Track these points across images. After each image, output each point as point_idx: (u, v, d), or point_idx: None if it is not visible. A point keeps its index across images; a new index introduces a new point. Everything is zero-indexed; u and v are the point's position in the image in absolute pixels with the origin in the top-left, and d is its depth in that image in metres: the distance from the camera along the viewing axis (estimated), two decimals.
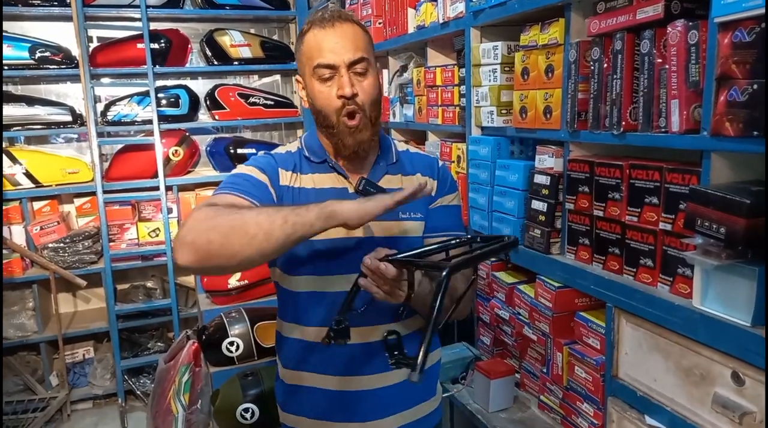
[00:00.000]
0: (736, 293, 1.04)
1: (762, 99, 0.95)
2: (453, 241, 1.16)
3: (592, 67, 1.35)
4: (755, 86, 0.97)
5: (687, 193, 1.13)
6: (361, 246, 1.20)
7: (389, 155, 1.30)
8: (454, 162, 2.06)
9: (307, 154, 1.26)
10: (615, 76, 1.28)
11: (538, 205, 1.58)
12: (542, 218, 1.56)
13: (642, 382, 1.29)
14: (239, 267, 1.03)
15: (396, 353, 1.01)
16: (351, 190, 1.23)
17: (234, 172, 1.22)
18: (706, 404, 1.12)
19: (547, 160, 1.57)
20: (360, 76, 1.17)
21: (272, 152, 1.28)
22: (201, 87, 3.65)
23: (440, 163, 1.36)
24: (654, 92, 1.19)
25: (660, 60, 1.18)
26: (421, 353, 0.86)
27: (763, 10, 0.95)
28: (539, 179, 1.57)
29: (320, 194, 1.22)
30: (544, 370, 1.62)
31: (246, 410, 2.35)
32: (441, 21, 2.00)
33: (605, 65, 1.31)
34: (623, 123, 1.27)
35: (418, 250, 1.09)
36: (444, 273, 0.91)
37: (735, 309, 1.05)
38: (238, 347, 2.60)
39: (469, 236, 1.22)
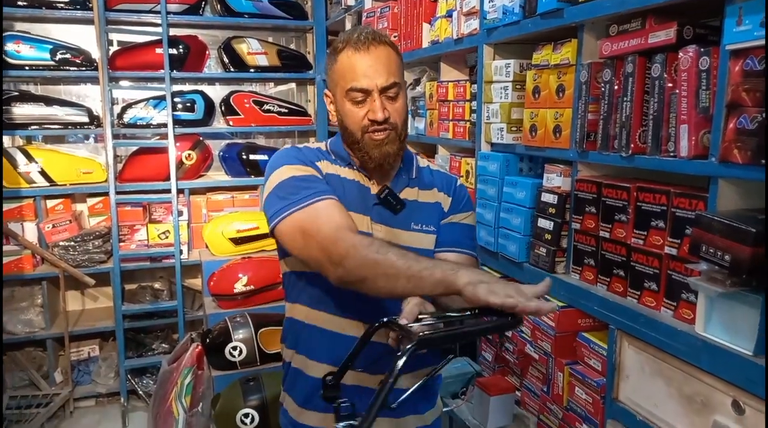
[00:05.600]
0: (739, 321, 1.04)
1: None
2: (470, 311, 1.05)
3: (603, 89, 1.36)
4: (765, 115, 0.97)
5: (693, 218, 1.13)
6: None
7: (411, 169, 1.32)
8: (462, 176, 2.07)
9: (333, 157, 1.28)
10: (625, 99, 1.28)
11: (544, 223, 1.58)
12: (548, 237, 1.56)
13: (643, 407, 1.28)
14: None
15: (345, 423, 0.99)
16: (373, 192, 1.25)
17: (288, 175, 1.19)
18: None
19: (555, 179, 1.57)
20: (392, 100, 1.19)
21: (297, 146, 1.30)
22: (217, 93, 3.69)
23: (458, 182, 1.37)
24: (663, 116, 1.20)
25: (671, 84, 1.18)
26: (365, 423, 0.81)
27: None
28: (546, 198, 1.58)
29: (349, 184, 1.24)
30: (545, 389, 1.61)
31: (246, 415, 2.36)
32: (455, 37, 2.02)
33: (616, 87, 1.32)
34: (632, 145, 1.27)
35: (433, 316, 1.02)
36: (409, 346, 0.84)
37: (738, 338, 1.04)
38: (241, 352, 2.61)
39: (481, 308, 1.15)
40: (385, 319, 0.99)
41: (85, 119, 3.29)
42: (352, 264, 1.05)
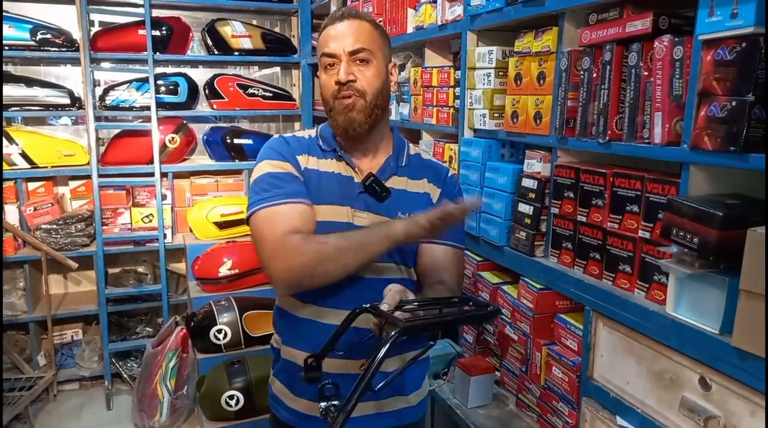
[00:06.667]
0: (706, 301, 1.08)
1: (740, 116, 0.99)
2: (449, 300, 1.13)
3: (582, 76, 1.39)
4: (734, 103, 1.01)
5: (665, 202, 1.17)
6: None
7: (401, 157, 1.33)
8: (446, 162, 2.09)
9: (320, 142, 1.31)
10: (603, 86, 1.32)
11: (524, 208, 1.62)
12: (528, 221, 1.60)
13: (615, 384, 1.34)
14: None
15: (328, 403, 1.00)
16: (357, 180, 1.27)
17: (265, 171, 1.24)
18: (674, 407, 1.16)
19: (536, 165, 1.60)
20: (362, 65, 1.21)
21: (286, 137, 1.32)
22: (200, 76, 3.66)
23: (450, 172, 1.38)
24: (639, 104, 1.23)
25: (646, 73, 1.22)
26: (341, 415, 0.82)
27: (744, 30, 0.98)
28: (527, 183, 1.61)
29: (328, 177, 1.26)
30: (523, 369, 1.66)
31: (231, 397, 2.39)
32: (439, 23, 2.03)
33: (594, 75, 1.35)
34: (609, 132, 1.30)
35: (412, 300, 1.06)
36: (393, 332, 0.88)
37: (705, 317, 1.09)
38: (225, 335, 2.63)
39: (460, 297, 1.18)
40: (367, 305, 1.02)
41: (67, 101, 3.25)
42: (295, 265, 1.12)
